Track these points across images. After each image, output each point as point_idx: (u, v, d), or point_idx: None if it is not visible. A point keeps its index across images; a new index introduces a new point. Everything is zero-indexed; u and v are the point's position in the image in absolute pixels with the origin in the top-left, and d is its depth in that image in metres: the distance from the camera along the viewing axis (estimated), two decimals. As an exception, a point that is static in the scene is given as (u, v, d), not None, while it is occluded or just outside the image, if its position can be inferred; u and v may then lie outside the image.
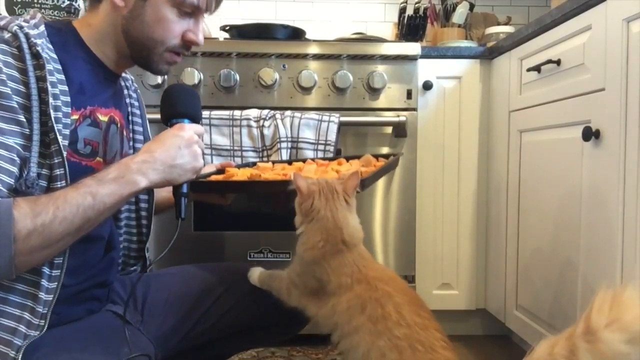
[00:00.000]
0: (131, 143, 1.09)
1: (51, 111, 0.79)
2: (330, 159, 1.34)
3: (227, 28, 1.95)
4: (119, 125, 1.00)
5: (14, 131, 0.76)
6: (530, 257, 1.60)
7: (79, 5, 2.16)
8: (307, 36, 1.99)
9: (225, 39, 1.90)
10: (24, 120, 0.78)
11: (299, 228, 1.01)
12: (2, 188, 0.74)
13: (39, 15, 0.87)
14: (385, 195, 1.79)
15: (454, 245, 1.91)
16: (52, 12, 2.13)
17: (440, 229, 1.91)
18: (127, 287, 1.07)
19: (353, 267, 0.95)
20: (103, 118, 0.94)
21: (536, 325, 1.55)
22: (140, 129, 1.12)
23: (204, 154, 0.94)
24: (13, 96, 0.77)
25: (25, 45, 0.79)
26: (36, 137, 0.78)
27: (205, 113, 1.62)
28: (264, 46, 1.75)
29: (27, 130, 0.78)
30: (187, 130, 0.91)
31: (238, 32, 1.92)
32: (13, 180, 0.76)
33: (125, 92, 1.09)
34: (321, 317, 0.96)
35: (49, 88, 0.79)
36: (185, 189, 0.94)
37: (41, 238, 0.73)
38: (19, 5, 2.12)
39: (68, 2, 2.13)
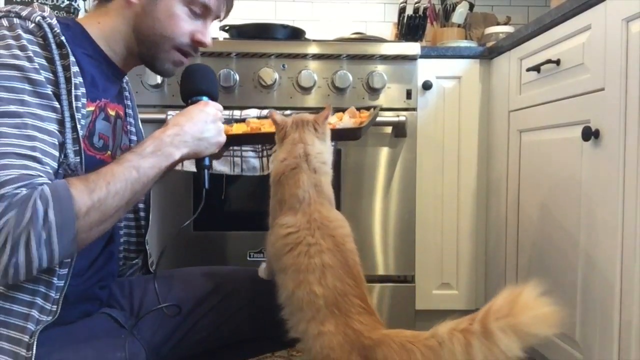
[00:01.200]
0: (129, 136, 1.10)
1: (73, 100, 0.81)
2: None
3: (227, 28, 1.95)
4: (122, 120, 1.02)
5: (51, 117, 0.79)
6: (531, 257, 1.60)
7: (78, 5, 2.15)
8: (306, 36, 1.99)
9: (225, 39, 1.90)
10: (59, 106, 0.80)
11: (273, 154, 1.08)
12: (51, 172, 0.77)
13: (47, 8, 0.87)
14: (385, 195, 1.79)
15: (454, 245, 1.91)
16: (52, 12, 2.13)
17: (440, 229, 1.91)
18: (125, 291, 1.07)
19: (306, 194, 0.97)
20: (111, 112, 0.97)
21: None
22: (133, 121, 1.13)
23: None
24: (47, 84, 0.79)
25: (50, 35, 0.81)
26: (68, 124, 0.81)
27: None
28: (264, 46, 1.75)
29: (61, 116, 0.80)
30: (212, 107, 0.96)
31: (238, 32, 1.92)
32: (56, 165, 0.78)
33: (125, 86, 1.10)
34: (269, 245, 0.99)
35: (72, 78, 0.81)
36: (207, 161, 0.99)
37: (99, 213, 0.76)
38: (35, 5, 2.12)
39: (68, 2, 2.13)
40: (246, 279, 1.14)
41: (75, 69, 0.83)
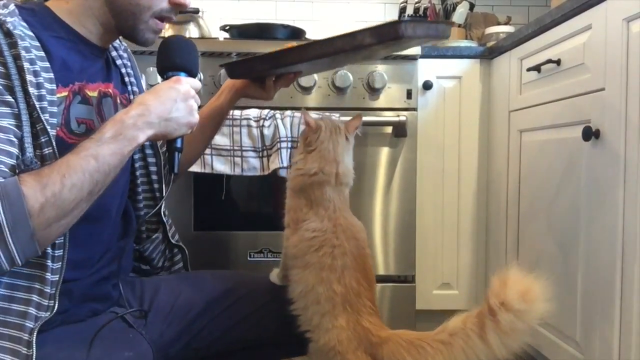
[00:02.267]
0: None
1: (31, 89, 0.77)
2: None
3: (227, 28, 1.95)
4: (112, 96, 0.97)
5: (5, 112, 0.75)
6: (530, 257, 1.60)
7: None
8: (307, 36, 1.99)
9: (225, 39, 1.90)
10: (12, 100, 0.76)
11: (296, 157, 1.10)
12: (5, 169, 0.73)
13: None
14: (385, 195, 1.79)
15: (454, 245, 1.91)
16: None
17: (440, 229, 1.91)
18: (136, 291, 1.06)
19: (331, 204, 1.04)
20: (92, 94, 0.91)
21: (536, 325, 1.55)
22: (137, 89, 1.08)
23: (200, 109, 0.92)
24: None
25: None
26: (25, 117, 0.77)
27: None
28: (264, 46, 1.75)
29: (17, 110, 0.76)
30: (184, 83, 0.87)
31: (238, 32, 1.92)
32: (14, 162, 0.75)
33: (115, 53, 1.05)
34: (291, 246, 1.04)
35: (27, 66, 0.77)
36: (179, 143, 0.92)
37: (55, 208, 0.72)
38: None
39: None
40: (258, 284, 1.14)
41: (38, 53, 0.80)
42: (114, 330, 0.95)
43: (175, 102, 0.85)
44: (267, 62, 1.06)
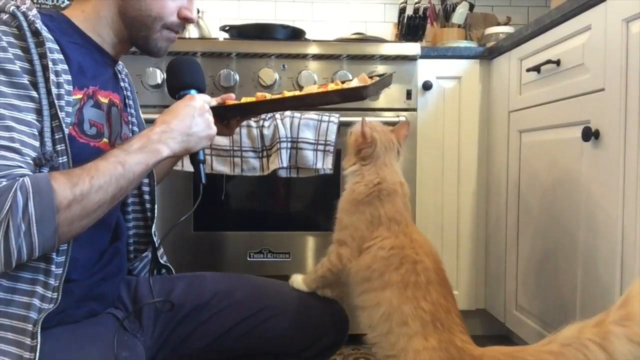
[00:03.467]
0: (130, 127, 1.09)
1: (53, 87, 0.80)
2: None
3: (227, 28, 1.95)
4: (118, 108, 1.01)
5: (28, 107, 0.78)
6: (530, 257, 1.60)
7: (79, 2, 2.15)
8: (306, 36, 1.99)
9: (225, 39, 1.90)
10: (36, 95, 0.79)
11: (348, 168, 1.06)
12: (30, 162, 0.76)
13: (28, 1, 0.87)
14: (385, 195, 1.79)
15: (453, 245, 1.91)
16: (52, 12, 2.13)
17: (440, 229, 1.91)
18: (130, 291, 1.06)
19: (402, 217, 0.99)
20: (104, 100, 0.95)
21: (536, 325, 1.55)
22: (134, 112, 1.12)
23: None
24: (23, 74, 0.78)
25: (24, 24, 0.80)
26: (46, 113, 0.80)
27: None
28: (264, 46, 1.75)
29: (39, 105, 0.79)
30: (198, 100, 0.94)
31: (238, 32, 1.92)
32: (36, 154, 0.78)
33: (120, 76, 1.09)
34: (362, 269, 0.97)
35: (51, 65, 0.80)
36: (201, 155, 0.98)
37: (80, 207, 0.75)
38: (19, 1, 2.12)
39: (68, 2, 2.13)
40: (257, 288, 1.12)
41: (58, 56, 0.83)
42: (110, 331, 0.95)
43: (193, 117, 0.91)
44: (239, 111, 1.13)
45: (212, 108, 1.09)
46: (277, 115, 1.67)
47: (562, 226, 1.41)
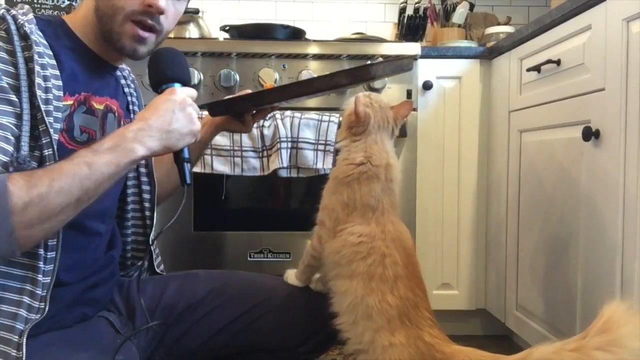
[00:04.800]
0: None
1: (39, 92, 0.78)
2: None
3: (227, 28, 1.95)
4: (116, 114, 0.98)
5: (6, 110, 0.77)
6: (530, 257, 1.60)
7: (79, 5, 2.15)
8: (307, 36, 1.99)
9: (225, 39, 1.90)
10: (16, 99, 0.77)
11: (339, 142, 1.01)
12: None
13: (27, 6, 0.87)
14: (385, 195, 1.79)
15: (454, 245, 1.91)
16: (52, 12, 2.13)
17: (440, 229, 1.91)
18: (123, 293, 1.05)
19: (379, 204, 0.94)
20: (98, 106, 0.93)
21: (536, 325, 1.55)
22: None
23: (199, 117, 0.92)
24: (2, 77, 0.77)
25: (13, 27, 0.80)
26: (26, 117, 0.78)
27: (205, 113, 1.62)
28: (264, 46, 1.75)
29: (19, 109, 0.78)
30: (179, 93, 0.88)
31: (238, 32, 1.92)
32: (8, 159, 0.75)
33: (123, 81, 1.08)
34: (332, 252, 0.94)
35: (38, 69, 0.79)
36: (186, 153, 0.91)
37: (38, 210, 0.71)
38: (19, 6, 2.12)
39: (68, 2, 2.13)
40: (250, 284, 1.12)
41: (49, 61, 0.82)
42: (102, 335, 0.94)
43: (173, 113, 0.85)
44: (248, 102, 1.10)
45: (221, 102, 1.08)
46: (278, 115, 1.67)
47: (562, 226, 1.41)
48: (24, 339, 0.76)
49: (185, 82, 0.94)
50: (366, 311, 0.88)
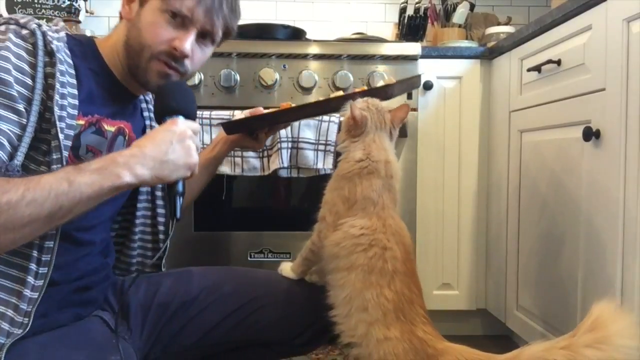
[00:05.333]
0: None
1: (55, 108, 0.80)
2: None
3: (228, 28, 1.95)
4: (127, 137, 0.99)
5: (9, 118, 0.77)
6: (531, 257, 1.60)
7: (79, 5, 2.16)
8: (307, 36, 1.99)
9: (225, 39, 1.90)
10: (23, 110, 0.78)
11: (340, 144, 1.04)
12: None
13: (61, 24, 0.89)
14: (386, 195, 1.79)
15: (454, 245, 1.91)
16: (53, 12, 2.14)
17: (440, 229, 1.91)
18: (117, 291, 1.05)
19: (379, 198, 0.96)
20: (109, 128, 0.94)
21: (536, 325, 1.55)
22: None
23: (199, 151, 0.90)
24: (14, 85, 0.77)
25: (40, 43, 0.81)
26: (30, 129, 0.78)
27: (205, 113, 1.62)
28: (264, 46, 1.75)
29: (25, 120, 0.78)
30: (180, 125, 0.87)
31: (238, 32, 1.91)
32: None
33: (144, 105, 1.09)
34: (331, 244, 0.95)
35: (57, 86, 0.80)
36: (180, 187, 0.88)
37: (4, 217, 0.69)
38: (19, 6, 2.12)
39: (68, 2, 2.14)
40: (245, 279, 1.13)
41: (70, 80, 0.84)
42: (98, 334, 0.94)
43: (170, 144, 0.83)
44: (264, 122, 1.13)
45: (238, 121, 1.11)
46: (278, 115, 1.67)
47: (562, 226, 1.41)
48: (3, 354, 0.76)
49: (189, 116, 0.92)
50: (362, 304, 0.89)
